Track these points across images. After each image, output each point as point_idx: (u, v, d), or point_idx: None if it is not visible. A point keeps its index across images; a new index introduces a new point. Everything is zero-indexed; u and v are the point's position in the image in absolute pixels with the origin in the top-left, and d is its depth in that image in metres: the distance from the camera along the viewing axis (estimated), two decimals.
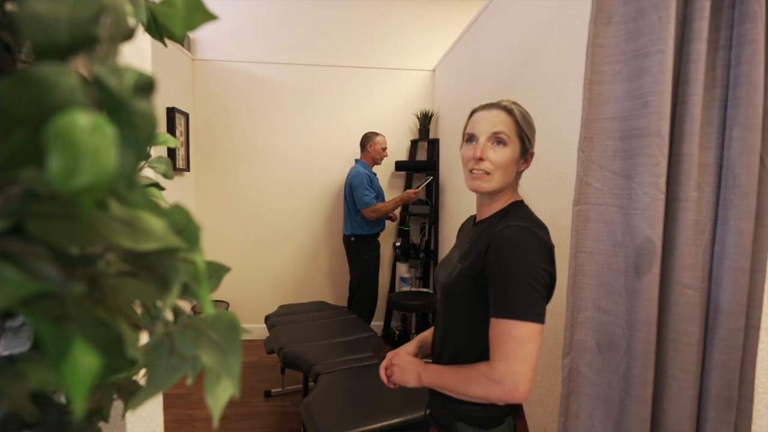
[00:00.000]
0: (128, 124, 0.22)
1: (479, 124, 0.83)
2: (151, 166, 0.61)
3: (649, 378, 0.69)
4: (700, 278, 0.71)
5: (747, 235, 0.67)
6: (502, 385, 0.70)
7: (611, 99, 0.73)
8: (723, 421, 0.71)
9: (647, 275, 0.69)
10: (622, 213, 0.73)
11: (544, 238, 0.76)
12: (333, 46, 3.37)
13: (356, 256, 2.96)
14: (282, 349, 2.00)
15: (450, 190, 3.08)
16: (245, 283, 3.39)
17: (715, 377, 0.71)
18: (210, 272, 0.42)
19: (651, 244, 0.69)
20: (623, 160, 0.73)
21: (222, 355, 0.30)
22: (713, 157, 0.70)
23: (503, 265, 0.74)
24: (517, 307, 0.71)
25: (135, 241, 0.25)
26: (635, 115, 0.70)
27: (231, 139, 3.31)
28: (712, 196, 0.70)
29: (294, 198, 3.40)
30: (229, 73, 3.27)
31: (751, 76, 0.65)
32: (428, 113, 3.34)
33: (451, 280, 0.85)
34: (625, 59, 0.70)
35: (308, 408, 1.47)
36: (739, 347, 0.70)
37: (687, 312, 0.70)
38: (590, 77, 0.73)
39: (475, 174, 0.82)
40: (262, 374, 2.82)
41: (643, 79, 0.68)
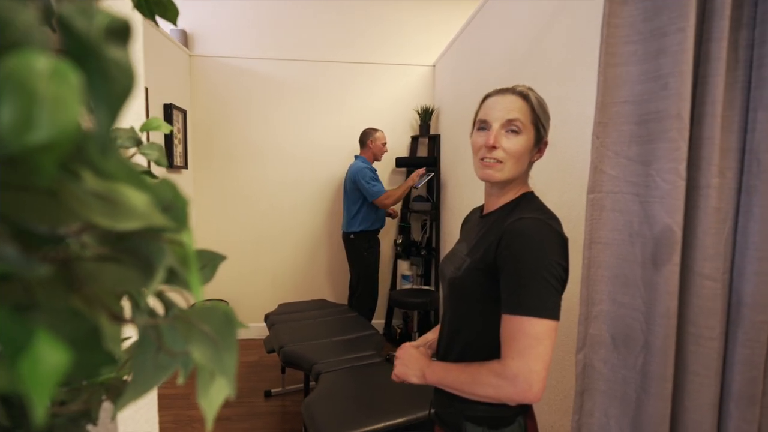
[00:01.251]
0: (99, 75, 0.18)
1: (493, 110, 0.78)
2: (142, 152, 0.58)
3: (668, 374, 0.66)
4: (721, 269, 0.67)
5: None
6: (514, 385, 0.66)
7: (627, 81, 0.69)
8: (746, 419, 0.68)
9: (667, 266, 0.66)
10: (639, 201, 0.70)
11: (558, 230, 0.73)
12: (333, 42, 3.33)
13: (356, 253, 2.92)
14: (282, 348, 1.96)
15: (451, 187, 3.04)
16: (245, 282, 3.36)
17: (738, 373, 0.67)
18: (204, 261, 0.38)
19: (671, 233, 0.65)
20: (640, 145, 0.69)
21: (216, 351, 0.27)
22: (736, 141, 0.66)
23: (517, 258, 0.70)
24: (532, 303, 0.67)
25: (113, 218, 0.21)
26: (653, 97, 0.66)
27: (230, 136, 3.27)
28: (734, 182, 0.67)
29: (293, 195, 3.37)
30: (228, 69, 3.23)
31: None
32: (429, 109, 3.30)
33: (459, 275, 0.82)
34: (642, 39, 0.67)
35: (309, 408, 1.44)
36: (764, 341, 0.67)
37: (708, 305, 0.67)
38: (605, 59, 0.70)
39: (487, 162, 0.78)
40: (262, 374, 2.79)
41: (662, 59, 0.64)
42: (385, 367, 1.78)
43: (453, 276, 0.84)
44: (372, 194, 2.77)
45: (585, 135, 1.36)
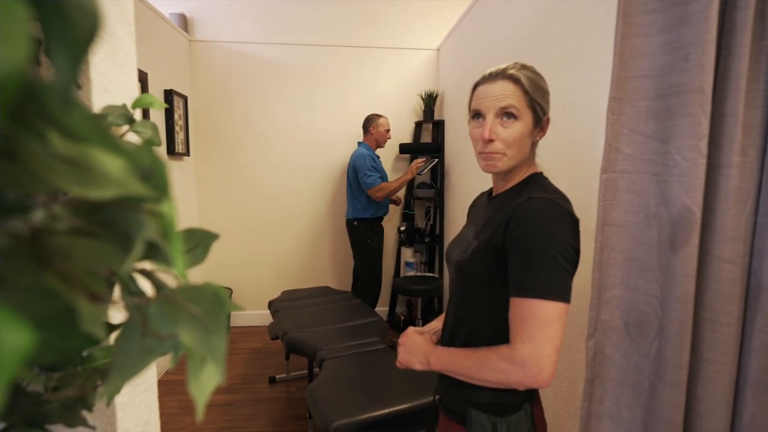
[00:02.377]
0: (56, 16, 0.16)
1: (485, 100, 0.75)
2: (135, 130, 0.55)
3: (684, 361, 0.63)
4: (741, 252, 0.65)
5: None
6: (524, 369, 0.64)
7: (645, 54, 0.65)
8: (762, 407, 0.66)
9: (685, 248, 0.63)
10: (656, 181, 0.66)
11: (569, 210, 0.70)
12: (336, 27, 3.26)
13: (359, 240, 2.90)
14: (286, 335, 1.96)
15: (455, 173, 3.01)
16: (248, 269, 3.36)
17: (755, 360, 0.65)
18: (195, 241, 0.36)
19: (690, 213, 0.62)
20: (658, 122, 0.65)
21: (205, 334, 0.25)
22: (759, 118, 0.63)
23: (527, 239, 0.68)
24: (542, 285, 0.65)
25: (85, 186, 0.19)
26: (673, 70, 0.62)
27: (232, 122, 3.24)
28: (756, 161, 0.64)
29: (296, 182, 3.34)
30: (229, 54, 3.18)
31: None
32: (433, 94, 3.25)
33: (466, 257, 0.79)
34: (663, 7, 0.63)
35: (313, 394, 1.43)
36: None
37: (726, 289, 0.64)
38: (622, 30, 0.66)
39: (486, 154, 0.76)
40: (266, 360, 2.81)
41: (684, 29, 0.60)
42: (389, 353, 1.77)
43: (459, 259, 0.82)
44: (365, 184, 2.74)
45: (594, 116, 1.32)
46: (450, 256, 0.89)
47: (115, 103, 0.61)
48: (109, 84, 0.57)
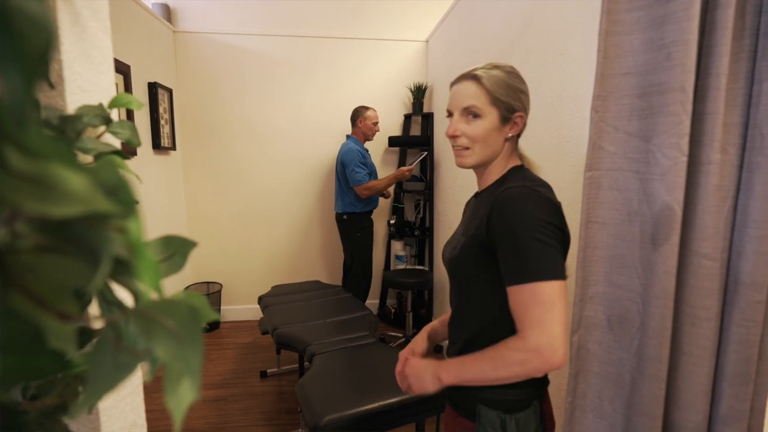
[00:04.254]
0: (5, 33, 0.15)
1: (454, 99, 0.82)
2: (111, 131, 0.54)
3: (664, 356, 0.65)
4: (720, 248, 0.66)
5: None
6: (539, 354, 0.64)
7: (629, 51, 0.66)
8: (740, 398, 0.68)
9: (665, 245, 0.64)
10: (638, 178, 0.67)
11: (547, 195, 0.71)
12: (322, 17, 3.22)
13: (349, 234, 2.90)
14: (276, 330, 1.96)
15: (445, 166, 3.01)
16: (238, 264, 3.34)
17: (732, 353, 0.67)
18: (173, 249, 0.35)
19: (670, 211, 0.63)
20: (641, 119, 0.66)
21: (181, 348, 0.24)
22: (739, 116, 0.63)
23: (509, 227, 0.69)
24: (534, 267, 0.66)
25: (47, 203, 0.18)
26: (656, 68, 0.63)
27: (219, 115, 3.19)
28: (736, 159, 0.65)
29: (285, 175, 3.32)
30: (214, 45, 3.12)
31: None
32: (422, 86, 3.23)
33: (455, 255, 0.82)
34: (646, 5, 0.63)
35: (303, 389, 1.44)
36: (761, 321, 0.66)
37: (706, 285, 0.65)
38: (606, 27, 0.66)
39: (456, 150, 0.82)
40: (257, 354, 2.81)
41: (666, 26, 0.61)
42: (379, 347, 1.78)
43: (450, 257, 0.85)
44: (353, 180, 2.72)
45: (580, 112, 1.33)
46: (443, 255, 0.91)
47: (90, 102, 0.59)
48: (84, 83, 0.55)
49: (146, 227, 0.23)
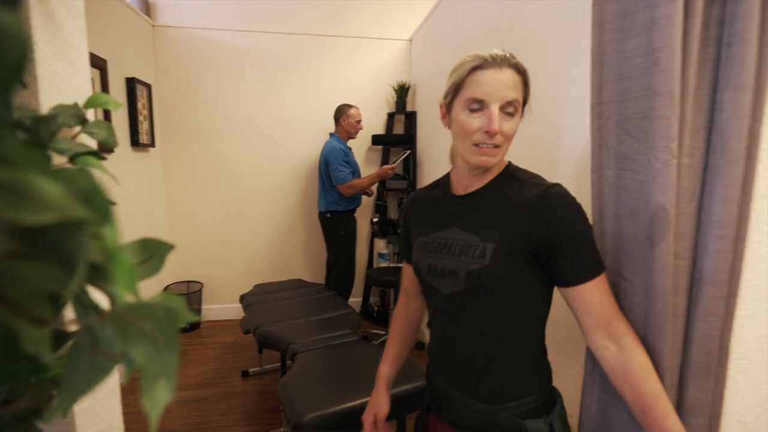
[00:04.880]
0: None
1: (492, 89, 0.68)
2: (87, 131, 0.53)
3: (666, 349, 0.68)
4: (688, 247, 0.69)
5: (733, 202, 0.65)
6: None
7: (623, 58, 0.68)
8: (702, 389, 0.71)
9: (661, 245, 0.66)
10: (636, 179, 0.70)
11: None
12: (306, 14, 3.19)
13: (332, 232, 2.90)
14: (258, 329, 1.95)
15: (428, 165, 3.03)
16: (219, 262, 3.30)
17: (696, 347, 0.70)
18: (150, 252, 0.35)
19: (664, 212, 0.66)
20: (636, 123, 0.68)
21: (157, 351, 0.25)
22: (703, 122, 0.66)
23: (574, 223, 0.69)
24: (599, 260, 0.70)
25: (22, 211, 0.19)
26: (647, 73, 0.65)
27: (200, 112, 3.14)
28: (701, 162, 0.68)
29: (268, 173, 3.29)
30: (195, 41, 3.06)
31: (745, 33, 0.61)
32: (405, 85, 3.25)
33: (486, 264, 0.71)
34: (636, 12, 0.65)
35: (285, 387, 1.44)
36: (721, 316, 0.69)
37: (678, 282, 0.69)
38: (599, 37, 0.68)
39: (485, 149, 0.70)
40: (239, 354, 2.78)
41: (654, 32, 0.63)
42: (361, 345, 1.79)
43: (474, 268, 0.72)
44: (336, 179, 2.73)
45: (560, 113, 1.36)
46: (436, 269, 0.77)
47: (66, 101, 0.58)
48: (59, 82, 0.54)
49: (124, 227, 0.23)
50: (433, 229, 0.82)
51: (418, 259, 0.83)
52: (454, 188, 0.83)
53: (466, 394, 0.77)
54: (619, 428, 0.75)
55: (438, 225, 0.81)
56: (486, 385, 0.76)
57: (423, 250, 0.82)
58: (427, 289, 0.83)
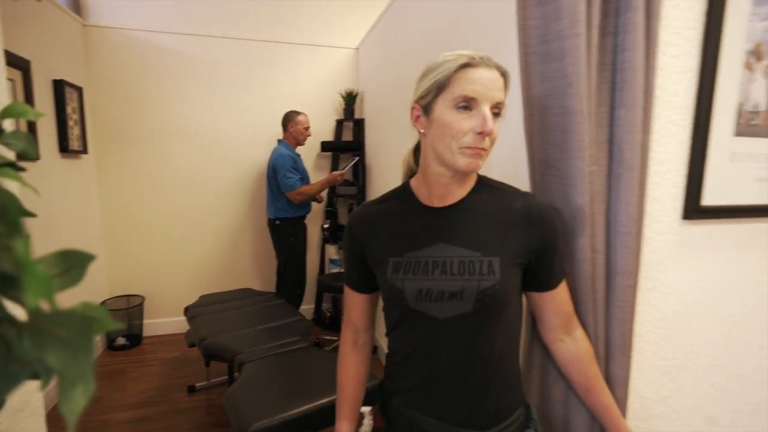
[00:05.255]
0: None
1: (484, 87, 0.64)
2: (4, 142, 0.51)
3: (590, 322, 0.79)
4: (603, 242, 0.79)
5: (633, 204, 0.75)
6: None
7: (544, 79, 0.76)
8: (620, 366, 0.83)
9: (581, 238, 0.77)
10: (561, 183, 0.78)
11: None
12: (251, 20, 3.15)
13: (282, 239, 2.87)
14: (203, 341, 1.89)
15: (377, 171, 3.08)
16: (162, 275, 3.14)
17: (614, 329, 0.81)
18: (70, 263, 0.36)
19: (583, 212, 0.76)
20: (558, 134, 0.76)
21: (73, 356, 0.26)
22: (605, 135, 0.76)
23: (558, 231, 0.73)
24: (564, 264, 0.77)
25: None
26: (563, 93, 0.73)
27: (139, 117, 2.99)
28: (605, 170, 0.78)
29: (214, 181, 3.19)
30: (132, 43, 2.92)
31: (632, 60, 0.71)
32: (353, 92, 3.29)
33: (498, 279, 0.67)
34: (551, 39, 0.73)
35: (231, 398, 1.41)
36: (631, 302, 0.80)
37: (597, 273, 0.79)
38: (524, 58, 0.76)
39: (475, 150, 0.65)
40: (184, 369, 2.66)
41: (566, 59, 0.71)
42: (311, 351, 1.79)
43: (488, 286, 0.67)
44: (285, 186, 2.72)
45: None
46: (431, 293, 0.68)
47: None
48: None
49: (52, 238, 0.24)
50: (411, 247, 0.72)
51: (398, 284, 0.70)
52: (425, 199, 0.74)
53: (460, 426, 0.70)
54: (558, 409, 0.84)
55: (417, 242, 0.72)
56: (483, 410, 0.71)
57: (404, 273, 0.70)
58: (412, 318, 0.71)
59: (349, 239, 0.79)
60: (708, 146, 0.93)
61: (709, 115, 0.91)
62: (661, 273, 0.96)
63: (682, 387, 1.04)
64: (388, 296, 0.73)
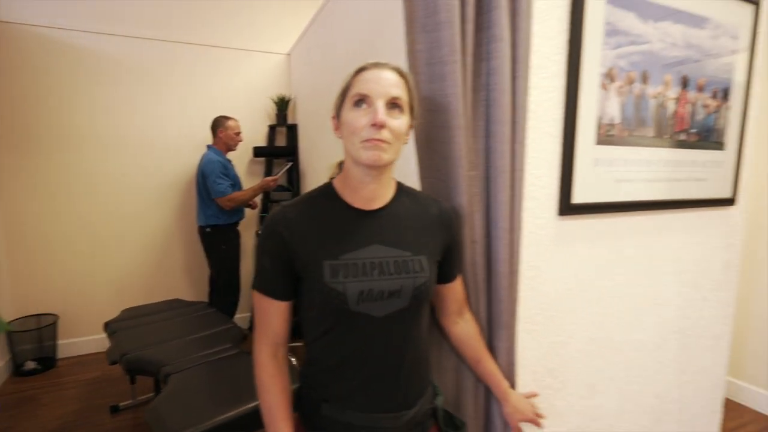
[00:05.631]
0: None
1: (376, 85, 0.69)
2: None
3: (472, 301, 0.93)
4: (481, 234, 0.93)
5: (505, 203, 0.89)
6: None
7: (428, 97, 0.87)
8: (500, 339, 0.97)
9: (463, 230, 0.90)
10: (444, 186, 0.90)
11: None
12: (179, 21, 3.05)
13: (213, 247, 2.81)
14: (125, 356, 1.81)
15: (310, 176, 3.12)
16: (78, 291, 2.93)
17: (494, 307, 0.96)
18: None
19: (461, 208, 0.89)
20: (441, 144, 0.88)
21: None
22: (482, 144, 0.89)
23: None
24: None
25: None
26: (444, 110, 0.85)
27: (51, 121, 2.77)
28: (483, 174, 0.91)
29: (138, 188, 3.04)
30: (42, 41, 2.71)
31: (500, 83, 0.84)
32: (285, 98, 3.30)
33: (427, 276, 0.76)
34: (434, 62, 0.84)
35: (155, 410, 1.38)
36: (507, 286, 0.93)
37: (478, 260, 0.93)
38: (413, 78, 0.86)
39: (375, 142, 0.68)
40: (107, 389, 2.51)
41: (446, 81, 0.84)
42: (242, 357, 1.79)
43: (422, 282, 0.75)
44: (215, 192, 2.67)
45: None
46: (372, 293, 0.72)
47: None
48: None
49: None
50: (346, 249, 0.73)
51: (339, 288, 0.71)
52: (351, 201, 0.77)
53: (395, 411, 0.76)
54: (451, 376, 0.98)
55: (353, 244, 0.73)
56: (413, 391, 0.78)
57: (344, 276, 0.71)
58: (350, 321, 0.72)
59: (273, 244, 0.74)
60: (575, 153, 1.10)
61: (574, 127, 1.08)
62: (543, 262, 1.11)
63: (566, 360, 1.21)
64: (322, 301, 0.72)
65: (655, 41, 1.18)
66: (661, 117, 1.24)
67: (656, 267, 1.34)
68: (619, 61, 1.13)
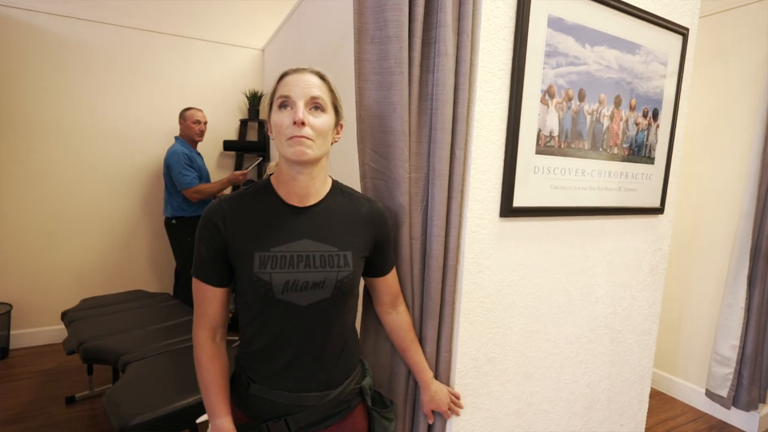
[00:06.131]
0: None
1: (296, 87, 0.76)
2: None
3: (407, 292, 1.03)
4: (420, 232, 1.02)
5: (443, 204, 0.99)
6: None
7: (375, 103, 0.94)
8: (430, 327, 1.05)
9: (402, 228, 0.98)
10: (387, 186, 0.98)
11: None
12: (152, 10, 3.02)
13: (179, 239, 2.81)
14: (82, 345, 1.81)
15: None
16: (34, 280, 2.87)
17: (426, 298, 1.04)
18: None
19: (403, 207, 0.97)
20: (385, 147, 0.96)
21: None
22: (426, 148, 0.98)
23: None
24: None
25: None
26: (389, 116, 0.93)
27: (14, 107, 2.70)
28: (424, 176, 1.00)
29: (102, 178, 3.00)
30: (9, 22, 2.63)
31: (444, 94, 0.93)
32: (258, 93, 3.32)
33: (351, 270, 0.83)
34: (381, 72, 0.92)
35: (112, 396, 1.40)
36: (439, 279, 1.03)
37: (415, 255, 1.01)
38: (359, 84, 0.94)
39: (298, 138, 0.75)
40: (62, 380, 2.48)
41: (392, 90, 0.91)
42: None
43: (344, 276, 0.81)
44: (180, 184, 2.67)
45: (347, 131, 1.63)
46: (296, 284, 0.78)
47: None
48: None
49: None
50: (277, 242, 0.79)
51: (266, 278, 0.77)
52: (286, 197, 0.82)
53: (319, 391, 0.83)
54: (386, 360, 1.07)
55: (284, 237, 0.80)
56: (337, 372, 0.86)
57: (271, 267, 0.77)
58: (275, 308, 0.78)
59: (210, 234, 0.79)
60: (516, 161, 1.21)
61: (516, 137, 1.19)
62: (485, 259, 1.22)
63: (505, 350, 1.31)
64: (251, 289, 0.77)
65: (591, 63, 1.30)
66: (596, 132, 1.37)
67: (590, 267, 1.47)
68: (559, 80, 1.25)
